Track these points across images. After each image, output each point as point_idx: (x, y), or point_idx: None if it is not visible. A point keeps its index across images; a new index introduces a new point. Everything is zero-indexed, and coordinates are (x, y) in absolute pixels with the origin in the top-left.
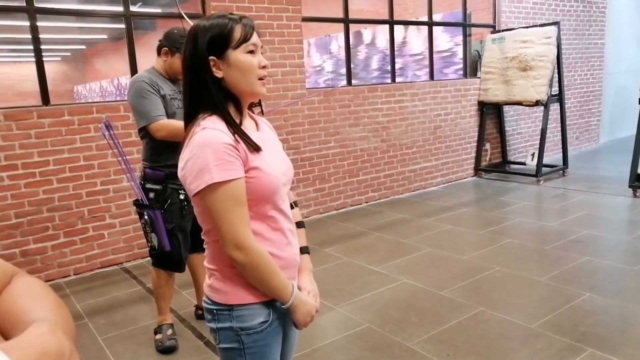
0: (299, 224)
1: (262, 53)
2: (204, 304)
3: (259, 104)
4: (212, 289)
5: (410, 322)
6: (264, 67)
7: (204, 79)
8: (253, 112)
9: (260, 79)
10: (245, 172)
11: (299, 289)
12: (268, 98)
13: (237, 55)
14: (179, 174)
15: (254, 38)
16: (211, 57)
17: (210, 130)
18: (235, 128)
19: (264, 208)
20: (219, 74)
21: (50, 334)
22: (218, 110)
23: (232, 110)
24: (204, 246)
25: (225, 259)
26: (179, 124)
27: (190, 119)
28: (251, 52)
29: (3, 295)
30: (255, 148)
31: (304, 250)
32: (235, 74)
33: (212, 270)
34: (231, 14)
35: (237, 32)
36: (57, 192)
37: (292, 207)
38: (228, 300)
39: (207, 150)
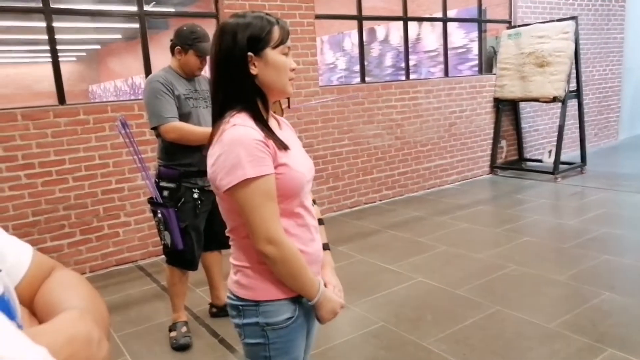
0: (319, 221)
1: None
2: (228, 300)
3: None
4: (238, 285)
5: (425, 321)
6: (293, 69)
7: (238, 75)
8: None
9: (291, 79)
10: (275, 168)
11: (325, 284)
12: (293, 97)
13: (275, 55)
14: (209, 170)
15: (289, 41)
16: (249, 53)
17: (241, 127)
18: (264, 124)
19: (290, 204)
20: (254, 70)
21: (79, 321)
22: (249, 106)
23: (260, 107)
24: (230, 243)
25: (255, 256)
26: (189, 128)
27: (220, 114)
28: (286, 54)
29: (42, 288)
30: (283, 146)
31: (325, 247)
32: (270, 72)
33: (239, 266)
34: (267, 14)
35: (276, 33)
36: (73, 190)
37: (312, 205)
38: (255, 297)
39: (239, 146)
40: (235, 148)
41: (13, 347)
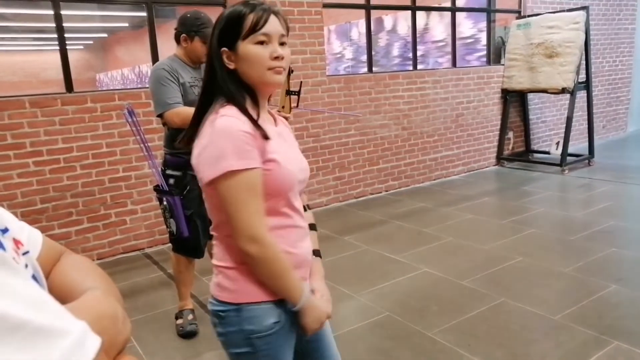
0: (311, 226)
1: (282, 43)
2: (209, 307)
3: (298, 93)
4: (219, 287)
5: (430, 312)
6: (276, 57)
7: (220, 70)
8: (288, 105)
9: (271, 68)
10: (263, 163)
11: (312, 291)
12: (279, 86)
13: (246, 46)
14: (193, 160)
15: (267, 27)
16: (223, 49)
17: (229, 117)
18: (252, 119)
19: (278, 203)
20: (231, 65)
21: (104, 299)
22: (234, 100)
23: (248, 103)
24: (213, 242)
25: (238, 256)
26: (192, 111)
27: (203, 106)
28: (261, 42)
29: (54, 271)
30: (264, 136)
31: (315, 254)
32: (244, 65)
33: (221, 267)
34: (249, 2)
35: (248, 22)
36: (80, 178)
37: (305, 209)
38: (237, 299)
39: (225, 137)
40: (222, 139)
41: (63, 319)
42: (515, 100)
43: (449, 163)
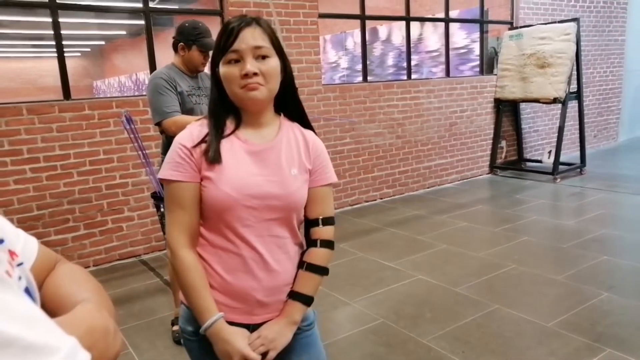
0: (311, 267)
1: (261, 55)
2: None
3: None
4: None
5: (424, 318)
6: (245, 74)
7: (213, 87)
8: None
9: (242, 87)
10: (201, 179)
11: (253, 330)
12: (259, 102)
13: (221, 67)
14: None
15: (236, 44)
16: (216, 69)
17: (187, 129)
18: (214, 136)
19: (217, 223)
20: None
21: (96, 313)
22: (210, 115)
23: (230, 119)
24: None
25: None
26: (191, 120)
27: None
28: (232, 60)
29: (48, 281)
30: (210, 158)
31: (297, 297)
32: (224, 85)
33: None
34: (235, 17)
35: (221, 43)
36: (77, 185)
37: (314, 245)
38: (181, 296)
39: (171, 146)
40: (170, 148)
41: (53, 335)
42: (507, 110)
43: (443, 171)
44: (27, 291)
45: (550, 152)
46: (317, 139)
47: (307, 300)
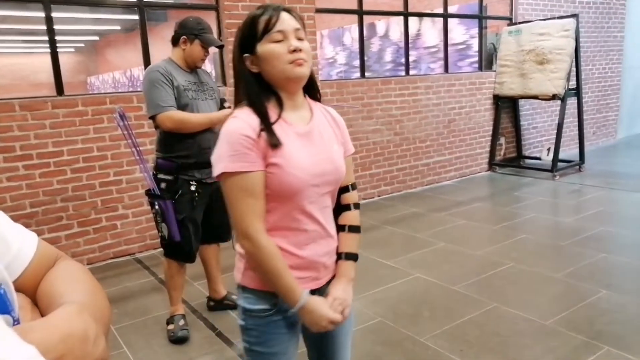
0: (352, 228)
1: (299, 38)
2: None
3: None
4: (236, 268)
5: (423, 317)
6: (294, 50)
7: (243, 77)
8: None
9: (292, 62)
10: (266, 166)
11: (326, 294)
12: (304, 79)
13: (263, 47)
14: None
15: (280, 24)
16: (245, 55)
17: (237, 119)
18: (265, 123)
19: (285, 205)
20: (254, 69)
21: (76, 317)
22: (252, 103)
23: (271, 104)
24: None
25: None
26: (185, 115)
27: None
28: (277, 40)
29: (44, 279)
30: (272, 144)
31: (349, 257)
32: (266, 65)
33: (238, 253)
34: (261, 6)
35: (260, 25)
36: (71, 182)
37: (348, 209)
38: (242, 281)
39: (226, 139)
40: (223, 140)
41: (12, 347)
42: (506, 106)
43: (441, 168)
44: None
45: (549, 149)
46: (339, 115)
47: (355, 258)
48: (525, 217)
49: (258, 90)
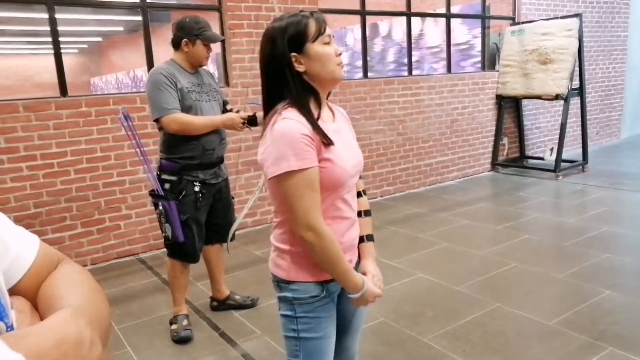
0: (367, 212)
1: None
2: (271, 275)
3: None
4: (275, 265)
5: (425, 317)
6: (339, 54)
7: (284, 76)
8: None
9: (338, 64)
10: (318, 161)
11: (365, 272)
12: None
13: (316, 47)
14: (259, 155)
15: (328, 30)
16: (292, 54)
17: (291, 120)
18: (312, 120)
19: (330, 196)
20: (300, 68)
21: (71, 321)
22: (298, 102)
23: (311, 103)
24: (273, 222)
25: (295, 240)
26: (190, 118)
27: (268, 109)
28: (327, 43)
29: (45, 283)
30: (327, 142)
31: (369, 238)
32: (315, 65)
33: (277, 248)
34: (302, 11)
35: (312, 27)
36: (74, 182)
37: (360, 195)
38: (288, 277)
39: (287, 139)
40: (283, 140)
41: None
42: (509, 106)
43: (444, 169)
44: None
45: (552, 149)
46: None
47: (374, 239)
48: (529, 217)
49: (303, 89)
